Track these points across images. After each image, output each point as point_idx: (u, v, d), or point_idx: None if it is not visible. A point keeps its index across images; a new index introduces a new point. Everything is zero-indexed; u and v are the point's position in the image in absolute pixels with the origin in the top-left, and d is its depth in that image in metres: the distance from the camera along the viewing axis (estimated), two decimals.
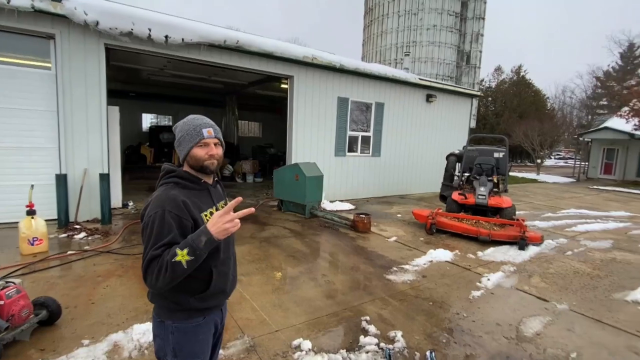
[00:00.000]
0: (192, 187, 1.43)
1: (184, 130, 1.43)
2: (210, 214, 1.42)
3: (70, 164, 6.05)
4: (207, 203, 1.45)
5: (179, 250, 1.22)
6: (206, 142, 1.41)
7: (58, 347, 2.63)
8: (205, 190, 1.47)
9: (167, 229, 1.26)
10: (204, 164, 1.42)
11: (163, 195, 1.33)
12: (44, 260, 4.37)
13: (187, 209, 1.32)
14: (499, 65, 43.76)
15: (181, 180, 1.41)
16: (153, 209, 1.29)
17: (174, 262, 1.21)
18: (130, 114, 15.00)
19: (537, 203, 11.08)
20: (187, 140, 1.41)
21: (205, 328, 1.47)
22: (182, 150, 1.43)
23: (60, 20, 5.70)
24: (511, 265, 4.92)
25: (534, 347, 2.94)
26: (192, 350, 1.43)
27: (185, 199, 1.34)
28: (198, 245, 1.23)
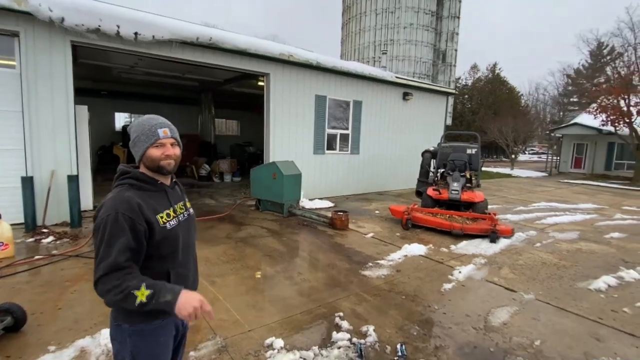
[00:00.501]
0: (147, 189, 1.40)
1: (138, 131, 1.39)
2: (166, 215, 1.40)
3: (36, 165, 5.81)
4: (163, 204, 1.42)
5: (143, 287, 1.22)
6: (162, 143, 1.39)
7: (24, 354, 2.54)
8: (162, 192, 1.45)
9: (120, 232, 1.24)
10: (160, 164, 1.39)
11: (117, 197, 1.31)
12: (9, 265, 4.20)
13: (141, 212, 1.30)
14: (475, 63, 45.06)
15: (136, 181, 1.39)
16: (106, 212, 1.27)
17: (130, 293, 1.20)
18: (102, 113, 14.53)
19: (510, 197, 11.48)
20: (142, 141, 1.38)
21: (165, 330, 1.45)
22: (137, 151, 1.40)
23: (24, 18, 5.46)
24: (482, 258, 5.09)
25: (500, 337, 3.06)
26: (151, 353, 1.41)
27: (140, 201, 1.32)
28: (159, 297, 1.24)
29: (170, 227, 1.39)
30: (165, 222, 1.38)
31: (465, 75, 43.52)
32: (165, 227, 1.38)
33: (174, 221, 1.43)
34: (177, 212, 1.47)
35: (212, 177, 12.64)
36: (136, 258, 1.29)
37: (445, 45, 25.16)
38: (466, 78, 43.21)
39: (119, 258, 1.23)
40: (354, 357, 2.65)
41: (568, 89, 40.55)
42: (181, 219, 1.48)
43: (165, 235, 1.37)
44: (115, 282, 1.21)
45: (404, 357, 2.67)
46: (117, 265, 1.22)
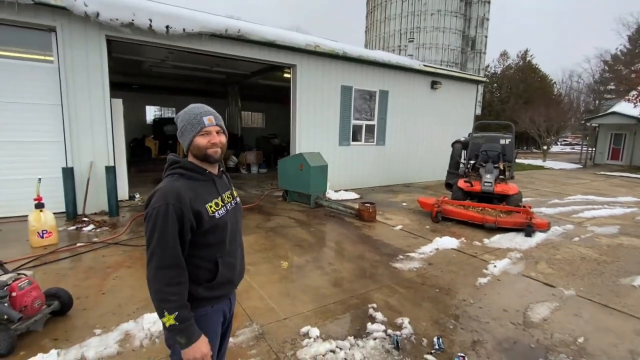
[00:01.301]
0: (197, 178, 1.41)
1: (185, 120, 1.40)
2: (215, 205, 1.42)
3: (76, 157, 6.08)
4: (212, 193, 1.44)
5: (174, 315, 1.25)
6: (208, 131, 1.40)
7: (71, 337, 2.68)
8: (210, 181, 1.45)
9: (170, 223, 1.26)
10: (207, 152, 1.40)
11: (168, 187, 1.32)
12: (54, 252, 4.43)
13: (190, 203, 1.31)
14: (505, 50, 43.00)
15: (186, 171, 1.40)
16: (157, 202, 1.28)
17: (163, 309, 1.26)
18: (134, 106, 15.03)
19: (544, 190, 11.00)
20: (188, 130, 1.39)
21: (214, 317, 1.48)
22: (184, 140, 1.42)
23: (60, 12, 5.66)
24: (518, 252, 4.91)
25: (541, 333, 2.94)
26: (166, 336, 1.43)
27: (189, 191, 1.33)
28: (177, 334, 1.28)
29: (219, 217, 1.41)
30: (214, 211, 1.40)
31: (495, 63, 41.77)
32: (214, 217, 1.39)
33: (222, 210, 1.44)
34: (224, 201, 1.48)
35: (239, 169, 12.85)
36: (184, 248, 1.32)
37: (475, 32, 24.13)
38: (495, 66, 41.47)
39: (172, 255, 1.26)
40: (390, 349, 2.62)
41: (605, 76, 38.07)
42: (229, 207, 1.50)
43: (214, 224, 1.38)
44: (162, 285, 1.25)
45: (442, 351, 2.62)
46: (168, 265, 1.26)
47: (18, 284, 2.64)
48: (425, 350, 2.63)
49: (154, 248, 1.26)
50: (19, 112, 5.72)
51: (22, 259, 4.16)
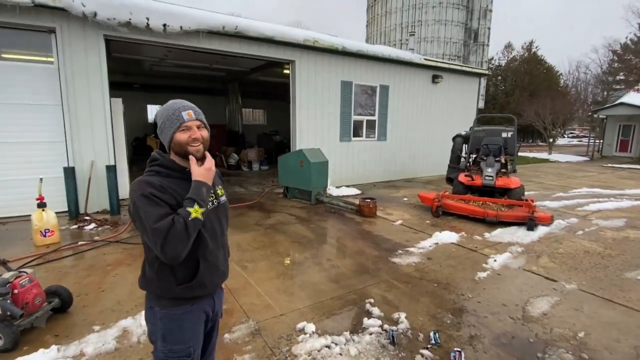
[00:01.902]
0: (174, 176, 1.38)
1: (163, 117, 1.37)
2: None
3: (77, 156, 6.13)
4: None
5: (190, 208, 1.25)
6: (188, 126, 1.35)
7: (71, 333, 2.72)
8: (190, 180, 1.38)
9: (154, 204, 1.26)
10: (187, 149, 1.35)
11: (142, 180, 1.32)
12: (56, 250, 4.49)
13: (165, 191, 1.30)
14: (509, 42, 42.36)
15: (163, 169, 1.37)
16: (135, 193, 1.28)
17: (193, 220, 1.24)
18: (136, 105, 15.08)
19: (548, 183, 10.89)
20: (168, 127, 1.36)
21: (193, 316, 1.46)
22: (165, 138, 1.38)
23: (59, 14, 5.68)
24: (519, 246, 4.87)
25: (540, 327, 2.92)
26: (180, 337, 1.43)
27: (161, 184, 1.32)
28: (202, 196, 1.30)
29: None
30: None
31: (499, 55, 41.30)
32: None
33: None
34: None
35: (240, 166, 12.88)
36: None
37: (478, 24, 23.79)
38: (499, 58, 41.00)
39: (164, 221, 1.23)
40: (386, 344, 2.62)
41: (613, 66, 37.40)
42: (209, 207, 1.43)
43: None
44: (174, 232, 1.22)
45: (438, 345, 2.61)
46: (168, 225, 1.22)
47: (19, 281, 2.68)
48: (422, 345, 2.62)
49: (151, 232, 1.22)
50: (21, 112, 5.77)
51: (25, 258, 4.21)
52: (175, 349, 1.42)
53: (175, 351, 1.42)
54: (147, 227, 1.23)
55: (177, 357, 1.43)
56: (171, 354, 1.42)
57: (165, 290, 1.39)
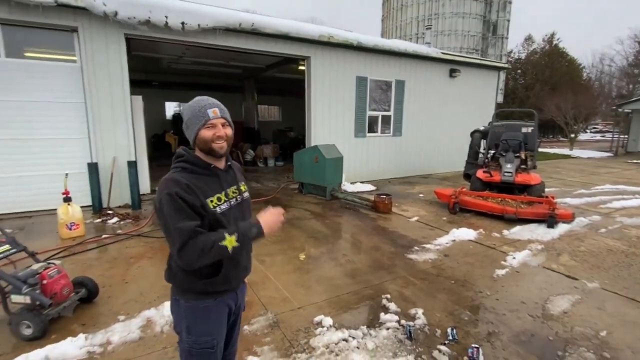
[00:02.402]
0: (200, 172, 1.40)
1: (189, 113, 1.39)
2: (217, 199, 1.40)
3: (100, 152, 6.33)
4: (214, 188, 1.42)
5: (227, 235, 1.30)
6: (213, 123, 1.38)
7: (97, 322, 2.83)
8: (214, 176, 1.44)
9: (179, 208, 1.29)
10: (212, 146, 1.38)
11: (169, 178, 1.35)
12: (81, 243, 4.66)
13: (191, 192, 1.32)
14: (529, 34, 41.18)
15: (189, 165, 1.40)
16: (162, 192, 1.31)
17: (220, 246, 1.28)
18: (154, 103, 15.41)
19: (569, 179, 10.58)
20: (193, 124, 1.38)
21: (216, 310, 1.50)
22: (190, 134, 1.41)
23: (81, 13, 5.85)
24: (539, 244, 4.78)
25: (560, 326, 2.87)
26: (204, 329, 1.47)
27: (189, 183, 1.33)
28: (248, 235, 1.36)
29: (220, 211, 1.40)
30: (215, 206, 1.39)
31: (518, 48, 40.09)
32: (216, 211, 1.38)
33: (225, 205, 1.43)
34: (228, 196, 1.46)
35: (256, 162, 13.00)
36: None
37: (497, 16, 23.07)
38: (519, 51, 39.80)
39: (189, 224, 1.27)
40: (403, 339, 2.63)
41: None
42: (233, 203, 1.48)
43: (215, 219, 1.38)
44: (196, 244, 1.26)
45: (455, 341, 2.61)
46: (191, 230, 1.27)
47: (48, 272, 2.80)
48: (439, 341, 2.62)
49: (173, 230, 1.27)
50: (47, 110, 5.98)
51: (52, 250, 4.40)
52: (199, 340, 1.46)
53: (200, 343, 1.46)
54: (170, 227, 1.28)
55: (201, 349, 1.47)
56: (196, 345, 1.47)
57: (189, 284, 1.43)
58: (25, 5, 5.40)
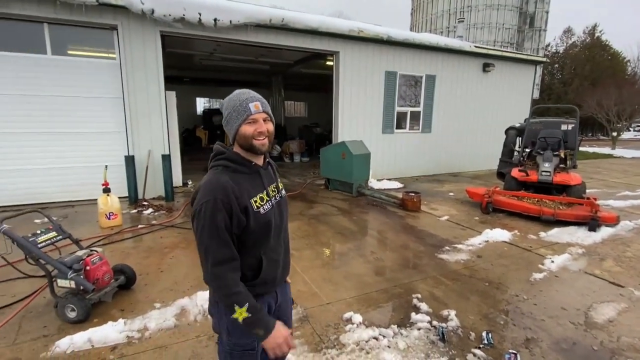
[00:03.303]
0: (241, 171, 1.34)
1: (230, 107, 1.31)
2: (260, 199, 1.34)
3: (136, 146, 6.59)
4: (257, 187, 1.36)
5: (245, 307, 1.23)
6: (254, 118, 1.29)
7: (135, 309, 2.95)
8: (256, 174, 1.37)
9: (220, 218, 1.22)
10: (252, 142, 1.30)
11: (214, 181, 1.27)
12: (119, 232, 4.89)
13: (236, 198, 1.25)
14: (569, 26, 38.98)
15: (231, 163, 1.33)
16: (204, 197, 1.23)
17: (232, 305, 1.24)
18: (186, 98, 15.88)
19: (612, 180, 9.95)
20: (234, 118, 1.30)
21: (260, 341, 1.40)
22: (230, 129, 1.33)
23: (121, 11, 6.09)
24: (579, 247, 4.52)
25: (605, 335, 2.71)
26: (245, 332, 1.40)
27: (235, 186, 1.27)
28: (253, 326, 1.27)
29: (264, 212, 1.34)
30: (259, 206, 1.33)
31: (556, 42, 38.09)
32: (259, 212, 1.32)
33: (267, 205, 1.37)
34: (270, 195, 1.40)
35: (282, 158, 13.14)
36: (235, 243, 1.29)
37: (534, 7, 21.98)
38: (557, 44, 37.79)
39: (225, 250, 1.24)
40: (435, 340, 2.56)
41: None
42: (274, 202, 1.42)
43: (259, 220, 1.32)
44: (224, 281, 1.24)
45: (491, 346, 2.51)
46: (224, 260, 1.24)
47: (91, 259, 2.94)
48: (473, 345, 2.54)
49: (207, 246, 1.23)
50: (88, 105, 6.29)
51: (93, 238, 4.64)
52: (240, 342, 1.41)
53: (241, 345, 1.41)
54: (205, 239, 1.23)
55: (243, 351, 1.42)
56: (237, 347, 1.42)
57: None
58: (69, 5, 5.68)
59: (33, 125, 6.01)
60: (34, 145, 6.06)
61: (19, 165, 6.02)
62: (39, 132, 6.06)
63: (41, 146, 6.10)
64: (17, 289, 3.24)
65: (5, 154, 5.93)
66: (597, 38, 35.52)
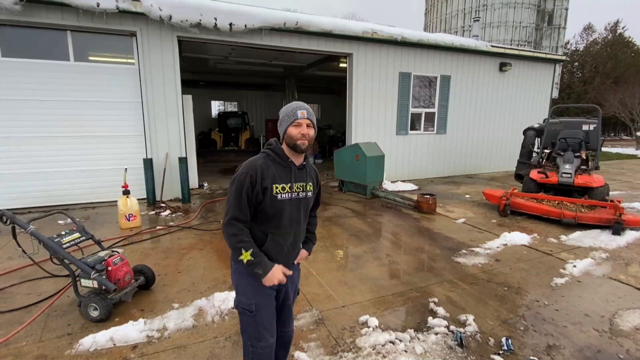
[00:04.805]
0: (278, 162, 1.66)
1: (283, 113, 1.68)
2: (281, 188, 1.64)
3: (154, 149, 6.74)
4: (284, 178, 1.65)
5: (250, 251, 1.59)
6: (299, 122, 1.62)
7: (154, 309, 3.01)
8: (288, 168, 1.67)
9: (245, 188, 1.58)
10: (296, 142, 1.62)
11: (253, 161, 1.63)
12: (138, 234, 5.00)
13: (262, 178, 1.59)
14: (590, 23, 37.83)
15: (272, 153, 1.67)
16: (242, 170, 1.61)
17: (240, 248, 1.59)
18: (201, 102, 16.13)
19: (637, 182, 9.60)
20: (285, 121, 1.65)
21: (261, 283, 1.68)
22: (281, 129, 1.67)
23: (140, 18, 6.25)
24: (603, 252, 4.38)
25: (632, 343, 2.61)
26: (246, 292, 1.71)
27: (266, 169, 1.61)
28: (254, 267, 1.61)
29: (280, 198, 1.64)
30: (277, 192, 1.63)
31: (576, 39, 37.13)
32: (276, 197, 1.62)
33: (286, 195, 1.66)
34: (293, 189, 1.68)
35: None
36: (251, 210, 1.62)
37: (553, 4, 21.43)
38: (577, 42, 36.75)
39: (242, 211, 1.59)
40: (453, 345, 2.52)
41: None
42: (294, 196, 1.69)
43: (273, 202, 1.62)
44: (236, 230, 1.59)
45: (511, 352, 2.46)
46: (239, 218, 1.59)
47: (112, 259, 3.02)
48: (492, 350, 2.49)
49: (231, 203, 1.59)
50: (108, 109, 6.48)
51: (113, 239, 4.76)
52: (242, 300, 1.72)
53: (243, 302, 1.72)
54: (230, 200, 1.61)
55: (243, 309, 1.72)
56: (240, 304, 1.74)
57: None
58: (91, 13, 5.87)
59: (56, 129, 6.22)
60: (56, 148, 6.27)
61: (42, 168, 6.24)
62: (61, 136, 6.27)
63: (63, 150, 6.31)
64: (42, 288, 3.36)
65: (30, 157, 6.15)
66: (619, 34, 34.36)
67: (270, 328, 1.76)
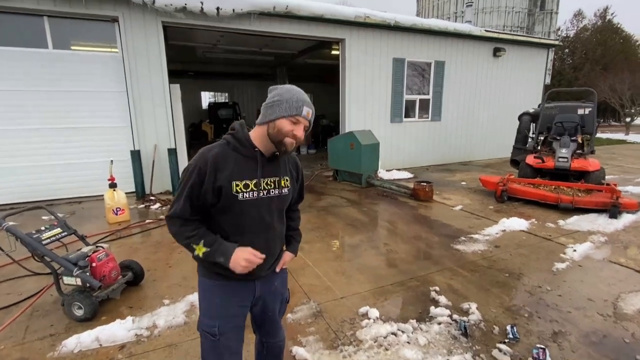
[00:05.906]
0: (242, 153, 1.32)
1: (283, 97, 1.27)
2: (243, 186, 1.30)
3: (142, 140, 6.50)
4: (246, 174, 1.31)
5: (201, 244, 1.29)
6: (298, 120, 1.28)
7: (144, 305, 2.87)
8: (253, 161, 1.33)
9: (192, 182, 1.27)
10: (283, 139, 1.28)
11: (205, 152, 1.31)
12: (126, 228, 4.82)
13: (215, 173, 1.27)
14: (580, 9, 37.70)
15: (233, 140, 1.33)
16: (192, 161, 1.30)
17: (190, 245, 1.31)
18: (191, 92, 15.74)
19: (628, 166, 9.65)
20: (281, 108, 1.26)
21: (226, 291, 1.40)
22: (269, 114, 1.28)
23: (121, 2, 5.95)
24: (601, 235, 4.34)
25: (636, 326, 2.56)
26: (208, 309, 1.42)
27: (220, 162, 1.28)
28: (214, 256, 1.29)
29: (242, 199, 1.30)
30: (239, 191, 1.29)
31: (567, 25, 36.99)
32: (236, 197, 1.29)
33: (251, 194, 1.31)
34: (259, 186, 1.33)
35: None
36: (205, 206, 1.31)
37: None
38: (567, 28, 36.67)
39: (185, 210, 1.29)
40: (457, 335, 2.43)
41: None
42: (264, 194, 1.35)
43: (232, 205, 1.29)
44: (177, 228, 1.32)
45: (517, 340, 2.38)
46: (181, 215, 1.30)
47: (97, 255, 2.85)
48: (498, 339, 2.40)
49: (178, 196, 1.31)
50: (92, 99, 6.20)
51: (100, 234, 4.57)
52: (203, 321, 1.42)
53: (204, 324, 1.41)
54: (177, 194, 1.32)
55: (204, 331, 1.41)
56: (201, 325, 1.43)
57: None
58: None
59: (35, 121, 5.93)
60: (36, 142, 5.99)
61: (22, 162, 5.96)
62: (41, 129, 5.99)
63: (44, 142, 6.03)
64: (24, 287, 3.18)
65: (8, 152, 5.87)
66: (608, 21, 34.38)
67: (235, 357, 1.46)
